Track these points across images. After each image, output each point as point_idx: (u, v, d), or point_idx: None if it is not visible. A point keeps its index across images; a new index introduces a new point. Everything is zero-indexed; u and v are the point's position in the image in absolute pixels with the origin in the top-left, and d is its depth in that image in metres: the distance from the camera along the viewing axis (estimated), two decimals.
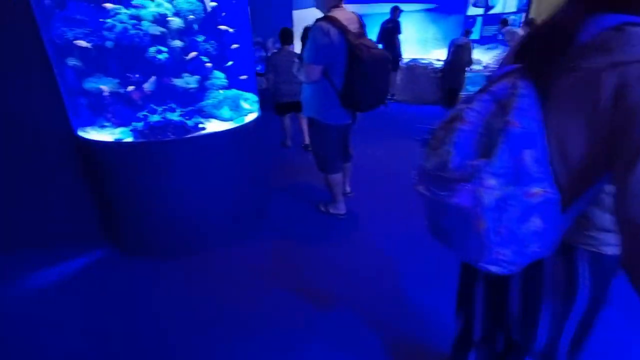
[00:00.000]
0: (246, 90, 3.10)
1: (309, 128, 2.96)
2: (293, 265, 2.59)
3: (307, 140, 5.22)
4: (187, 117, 2.46)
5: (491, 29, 10.36)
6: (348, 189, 3.59)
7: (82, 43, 2.27)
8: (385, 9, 8.20)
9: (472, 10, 10.82)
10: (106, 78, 2.49)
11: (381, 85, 2.61)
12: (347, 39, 2.42)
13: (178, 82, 2.64)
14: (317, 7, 2.59)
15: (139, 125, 2.34)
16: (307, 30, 8.33)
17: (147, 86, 2.48)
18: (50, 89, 2.36)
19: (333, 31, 2.39)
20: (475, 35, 7.81)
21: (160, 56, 2.50)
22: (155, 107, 2.44)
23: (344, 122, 2.82)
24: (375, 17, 8.13)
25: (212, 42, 3.00)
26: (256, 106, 3.07)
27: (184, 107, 2.65)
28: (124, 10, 2.48)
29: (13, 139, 2.41)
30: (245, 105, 2.99)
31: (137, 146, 2.34)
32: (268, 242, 2.89)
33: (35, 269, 2.57)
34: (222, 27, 2.83)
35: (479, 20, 10.62)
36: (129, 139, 2.37)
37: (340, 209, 3.23)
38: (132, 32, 2.35)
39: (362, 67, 2.46)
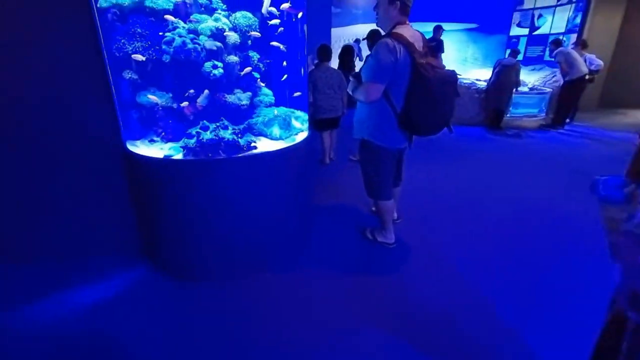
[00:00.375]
0: (297, 108, 2.98)
1: (360, 150, 2.77)
2: (340, 300, 2.37)
3: (355, 157, 5.08)
4: (239, 135, 2.34)
5: (536, 50, 9.95)
6: (395, 214, 3.35)
7: (139, 57, 2.21)
8: (428, 28, 8.05)
9: (516, 31, 10.48)
10: (160, 92, 2.43)
11: (446, 107, 2.40)
12: (413, 57, 2.24)
13: (230, 98, 2.55)
14: (380, 25, 2.44)
15: (191, 142, 2.24)
16: (346, 48, 8.28)
17: (200, 101, 2.40)
18: (105, 100, 2.32)
19: (399, 48, 2.22)
20: (519, 56, 7.48)
21: (215, 71, 2.42)
22: (208, 123, 2.34)
23: (400, 146, 2.62)
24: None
25: (264, 58, 2.92)
26: (306, 125, 2.93)
27: (235, 124, 2.54)
28: (182, 24, 2.43)
29: (63, 145, 2.38)
30: (295, 123, 2.85)
31: (187, 164, 2.23)
32: (311, 270, 2.69)
33: (74, 284, 2.49)
34: (275, 44, 2.73)
35: (523, 40, 10.24)
36: (179, 156, 2.27)
37: (389, 238, 2.99)
38: (190, 46, 2.28)
39: (427, 87, 2.27)
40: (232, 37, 2.54)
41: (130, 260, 2.74)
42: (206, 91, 2.39)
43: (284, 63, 2.85)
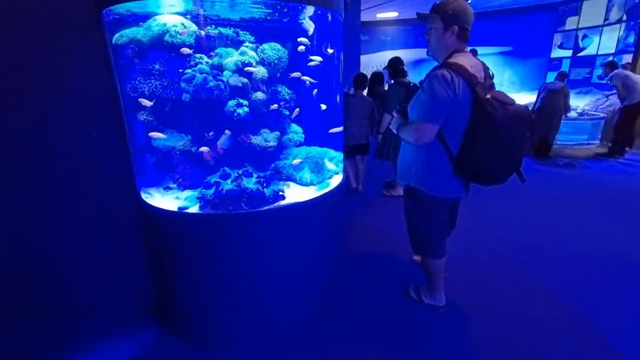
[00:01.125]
0: (331, 147, 2.63)
1: (407, 198, 2.35)
2: None
3: (390, 192, 4.65)
4: (264, 184, 2.00)
5: (582, 72, 9.27)
6: None
7: (146, 102, 1.96)
8: None
9: (558, 52, 9.87)
10: (178, 134, 2.15)
11: (517, 151, 1.96)
12: (475, 92, 1.84)
13: (256, 139, 2.24)
14: (432, 54, 2.08)
15: (209, 192, 1.92)
16: (376, 74, 7.99)
17: (221, 143, 2.10)
18: (118, 144, 2.07)
19: (458, 81, 1.84)
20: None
21: (240, 110, 2.13)
22: (229, 170, 2.03)
23: (455, 195, 2.19)
24: None
25: (292, 92, 2.62)
26: (341, 166, 2.57)
27: (260, 169, 2.22)
28: (206, 59, 2.19)
29: (72, 191, 2.12)
30: (329, 165, 2.50)
31: (204, 219, 1.90)
32: (342, 342, 2.23)
33: (79, 346, 2.18)
34: (304, 77, 2.43)
35: (566, 62, 9.61)
36: (195, 208, 1.95)
37: (439, 300, 2.50)
38: (212, 84, 2.01)
39: (493, 127, 1.85)
40: (260, 71, 2.26)
41: (141, 319, 2.41)
42: (227, 132, 2.09)
43: (314, 91, 2.53)
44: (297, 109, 2.39)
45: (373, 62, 11.90)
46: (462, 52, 1.98)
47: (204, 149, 2.06)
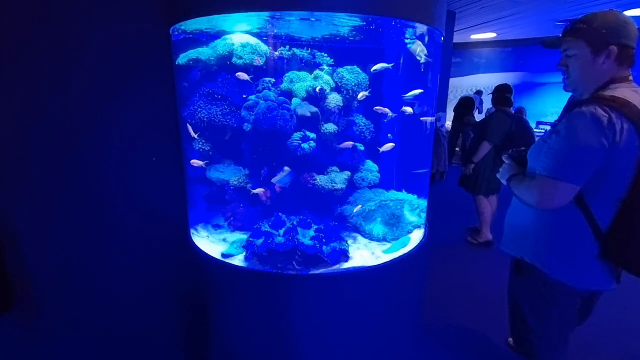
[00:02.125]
0: (414, 192, 2.13)
1: (515, 275, 1.72)
2: None
3: (477, 240, 3.89)
4: (323, 240, 1.59)
5: None
6: None
7: (192, 132, 1.71)
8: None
9: None
10: (236, 167, 1.89)
11: None
12: None
13: (321, 180, 1.87)
14: (574, 88, 1.48)
15: (257, 243, 1.58)
16: (466, 100, 7.19)
17: (278, 180, 1.76)
18: (175, 172, 1.85)
19: (621, 125, 1.23)
20: None
21: (305, 145, 1.78)
22: (283, 217, 1.68)
23: (597, 287, 1.51)
24: (554, 88, 6.41)
25: (369, 123, 2.20)
26: (424, 217, 2.05)
27: (323, 215, 1.83)
28: (272, 85, 1.91)
29: (118, 220, 1.94)
30: (410, 217, 2.00)
31: (246, 274, 1.57)
32: None
33: None
34: (380, 109, 2.00)
35: None
36: (240, 258, 1.63)
37: None
38: (276, 112, 1.70)
39: None
40: (333, 100, 1.90)
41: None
42: (287, 169, 1.75)
43: (389, 114, 2.06)
44: (391, 145, 1.98)
45: (463, 85, 10.96)
46: (625, 81, 1.36)
47: (259, 190, 1.75)
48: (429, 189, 2.21)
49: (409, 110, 1.98)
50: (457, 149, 8.09)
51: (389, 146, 1.99)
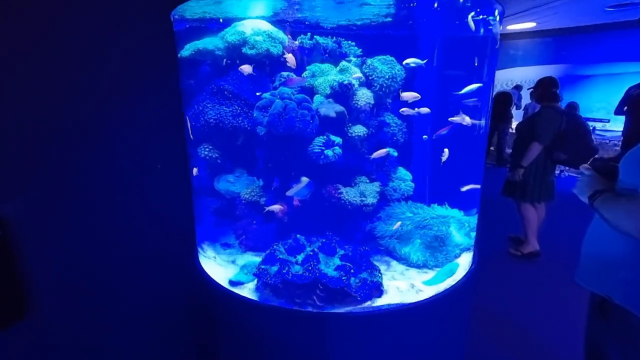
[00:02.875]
0: (462, 208, 1.79)
1: (598, 317, 1.35)
2: None
3: (520, 251, 3.45)
4: (351, 270, 1.29)
5: None
6: None
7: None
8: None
9: None
10: (249, 178, 1.62)
11: None
12: None
13: (348, 194, 1.56)
14: None
15: (271, 271, 1.30)
16: (502, 95, 6.61)
17: (294, 193, 1.47)
18: (180, 183, 1.60)
19: None
20: None
21: (329, 152, 1.49)
22: (302, 240, 1.39)
23: None
24: (625, 80, 5.72)
25: (401, 123, 1.87)
26: (473, 236, 1.71)
27: (347, 238, 1.53)
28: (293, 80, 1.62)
29: (119, 228, 1.71)
30: (457, 237, 1.66)
31: (257, 308, 1.29)
32: None
33: None
34: (408, 111, 1.67)
35: None
36: (250, 287, 1.36)
37: None
38: (293, 114, 1.41)
39: None
40: (363, 96, 1.59)
41: None
42: (304, 179, 1.45)
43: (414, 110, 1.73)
44: (384, 150, 1.65)
45: (497, 79, 10.27)
46: None
47: (275, 207, 1.47)
48: (479, 202, 1.86)
49: (466, 119, 1.62)
50: (492, 148, 7.53)
51: (381, 152, 1.65)
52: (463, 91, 1.57)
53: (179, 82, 1.52)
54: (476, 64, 1.58)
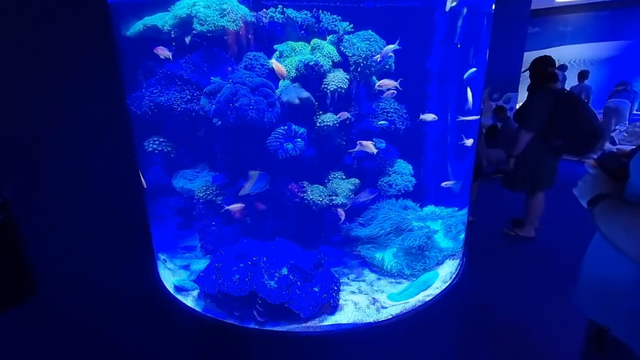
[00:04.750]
0: (450, 205, 1.55)
1: (598, 350, 1.08)
2: None
3: (516, 232, 3.14)
4: (297, 283, 1.11)
5: None
6: None
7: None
8: None
9: None
10: (210, 174, 1.47)
11: None
12: None
13: (314, 193, 1.37)
14: None
15: (210, 279, 1.15)
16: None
17: (246, 191, 1.29)
18: (127, 182, 1.49)
19: None
20: None
21: (288, 145, 1.29)
22: (249, 246, 1.23)
23: None
24: None
25: (402, 109, 1.64)
26: (461, 240, 1.46)
27: (315, 243, 1.35)
28: (263, 61, 1.43)
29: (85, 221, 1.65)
30: (442, 240, 1.43)
31: (195, 319, 1.16)
32: None
33: None
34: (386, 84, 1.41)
35: None
36: (194, 296, 1.23)
37: None
38: (244, 100, 1.23)
39: None
40: (334, 80, 1.36)
41: None
42: (253, 173, 1.27)
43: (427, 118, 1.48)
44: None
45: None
46: None
47: (234, 207, 1.31)
48: (469, 197, 1.60)
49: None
50: None
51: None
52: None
53: (123, 67, 1.37)
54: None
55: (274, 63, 1.33)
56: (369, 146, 1.39)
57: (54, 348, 1.72)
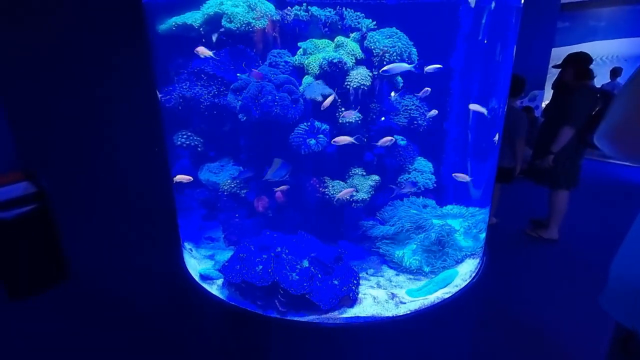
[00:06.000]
0: (472, 204, 1.54)
1: (625, 355, 1.07)
2: None
3: (538, 234, 3.09)
4: (318, 275, 1.15)
5: None
6: None
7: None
8: None
9: None
10: (234, 167, 1.52)
11: None
12: None
13: (335, 189, 1.39)
14: None
15: (235, 269, 1.20)
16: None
17: (269, 176, 1.33)
18: (157, 174, 1.57)
19: None
20: None
21: (311, 141, 1.32)
22: (275, 237, 1.27)
23: None
24: None
25: (423, 106, 1.64)
26: (482, 239, 1.46)
27: (334, 238, 1.38)
28: (287, 58, 1.46)
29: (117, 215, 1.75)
30: (462, 239, 1.43)
31: (219, 306, 1.21)
32: None
33: None
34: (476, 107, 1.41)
35: None
36: (219, 285, 1.29)
37: None
38: (269, 97, 1.26)
39: None
40: (356, 77, 1.38)
41: None
42: (277, 160, 1.31)
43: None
44: (388, 138, 1.43)
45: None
46: None
47: (281, 188, 1.35)
48: (490, 196, 1.59)
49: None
50: None
51: (386, 140, 1.41)
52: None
53: (154, 64, 1.43)
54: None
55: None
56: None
57: (86, 329, 1.83)
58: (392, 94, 1.51)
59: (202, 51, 1.28)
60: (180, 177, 1.37)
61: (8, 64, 1.51)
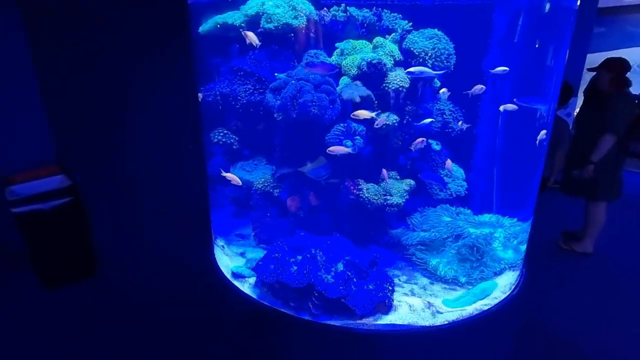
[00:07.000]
0: (514, 214, 1.48)
1: None
2: None
3: (572, 247, 2.94)
4: (353, 279, 1.12)
5: None
6: None
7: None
8: None
9: None
10: (267, 166, 1.52)
11: None
12: None
13: (369, 191, 1.37)
14: None
15: (269, 269, 1.20)
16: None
17: (308, 171, 1.32)
18: (193, 171, 1.59)
19: None
20: None
21: (348, 142, 1.30)
22: (309, 239, 1.25)
23: None
24: None
25: (457, 110, 1.60)
26: (523, 250, 1.40)
27: (366, 242, 1.35)
28: (323, 58, 1.45)
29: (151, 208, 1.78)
30: (501, 251, 1.37)
31: (252, 306, 1.21)
32: None
33: None
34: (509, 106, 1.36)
35: None
36: (251, 283, 1.28)
37: None
38: (307, 97, 1.25)
39: None
40: (395, 79, 1.35)
41: None
42: (321, 159, 1.30)
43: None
44: (421, 139, 1.39)
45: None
46: None
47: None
48: (534, 207, 1.52)
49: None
50: None
51: (417, 142, 1.38)
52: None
53: (192, 61, 1.45)
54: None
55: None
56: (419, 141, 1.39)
57: (115, 321, 1.86)
58: (443, 90, 1.46)
59: (251, 36, 1.28)
60: (229, 176, 1.36)
61: (52, 62, 1.57)
